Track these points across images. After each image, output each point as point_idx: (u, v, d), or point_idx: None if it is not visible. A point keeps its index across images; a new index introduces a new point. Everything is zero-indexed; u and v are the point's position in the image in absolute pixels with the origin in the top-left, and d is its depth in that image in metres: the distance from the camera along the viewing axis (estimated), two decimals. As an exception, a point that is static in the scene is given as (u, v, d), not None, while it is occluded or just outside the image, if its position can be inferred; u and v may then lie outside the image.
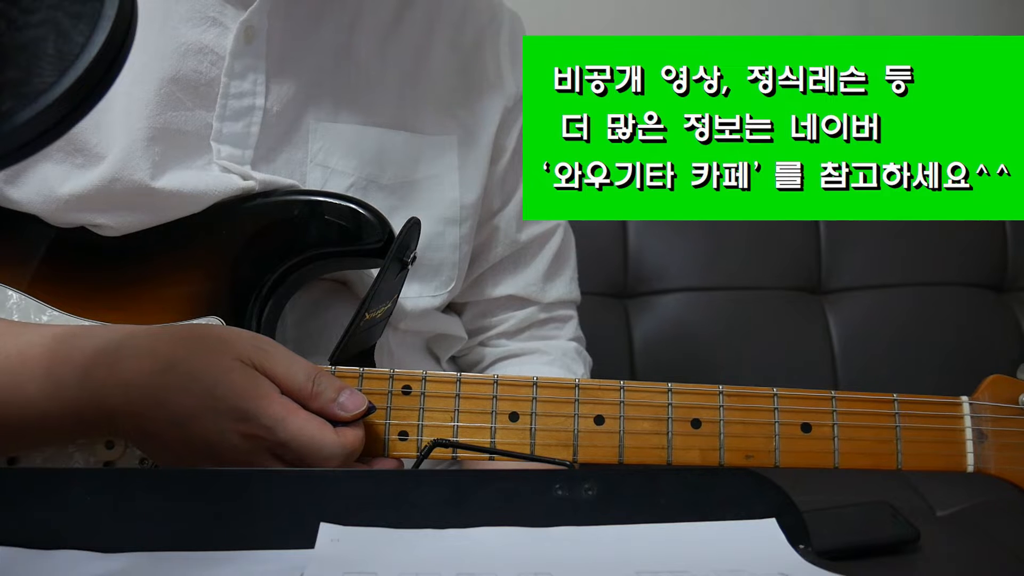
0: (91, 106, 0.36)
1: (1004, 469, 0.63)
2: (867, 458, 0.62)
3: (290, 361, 0.59)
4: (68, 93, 0.35)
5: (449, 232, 0.80)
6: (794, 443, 0.62)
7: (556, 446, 0.62)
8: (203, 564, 0.45)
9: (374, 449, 0.62)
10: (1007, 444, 0.63)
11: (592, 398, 0.63)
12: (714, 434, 0.62)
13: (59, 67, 0.35)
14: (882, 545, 0.81)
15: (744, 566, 0.45)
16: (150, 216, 0.69)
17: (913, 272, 1.36)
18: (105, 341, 0.60)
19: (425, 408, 0.63)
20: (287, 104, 0.73)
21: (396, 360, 0.80)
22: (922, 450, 0.63)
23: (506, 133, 0.84)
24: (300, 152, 0.74)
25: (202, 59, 0.71)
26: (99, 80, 0.36)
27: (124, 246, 0.70)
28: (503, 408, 0.63)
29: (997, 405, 0.63)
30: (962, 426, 0.63)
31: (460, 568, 0.44)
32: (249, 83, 0.72)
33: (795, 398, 0.63)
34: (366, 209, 0.71)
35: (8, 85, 0.34)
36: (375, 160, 0.76)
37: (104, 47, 0.36)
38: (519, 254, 0.88)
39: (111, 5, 0.36)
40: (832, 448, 0.62)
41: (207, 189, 0.69)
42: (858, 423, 0.63)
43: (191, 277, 0.70)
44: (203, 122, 0.71)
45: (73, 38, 0.35)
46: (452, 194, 0.80)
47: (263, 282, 0.70)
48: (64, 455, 0.63)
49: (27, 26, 0.35)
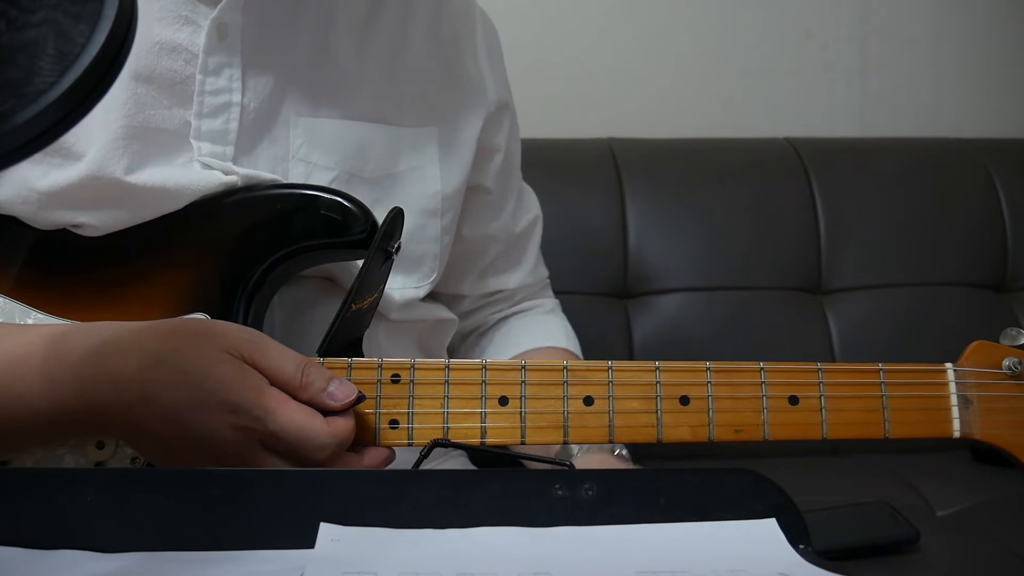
0: (91, 106, 0.36)
1: (989, 433, 0.63)
2: (855, 428, 0.63)
3: (279, 352, 0.59)
4: (68, 93, 0.35)
5: (430, 224, 0.81)
6: (782, 416, 0.62)
7: (547, 428, 0.63)
8: (203, 564, 0.45)
9: (365, 438, 0.62)
10: (991, 409, 0.63)
11: (580, 379, 0.63)
12: (703, 410, 0.62)
13: (59, 67, 0.35)
14: (882, 545, 0.81)
15: (744, 566, 0.45)
16: (131, 214, 0.69)
17: (913, 272, 1.36)
18: (94, 339, 0.60)
19: (415, 396, 0.63)
20: (265, 100, 0.74)
21: (385, 355, 0.81)
22: (908, 418, 0.63)
23: (493, 133, 0.87)
24: (281, 147, 0.74)
25: (176, 57, 0.71)
26: (99, 80, 0.36)
27: (108, 247, 0.70)
28: (492, 393, 0.63)
29: (981, 371, 0.64)
30: (947, 392, 0.64)
31: (460, 568, 0.44)
32: (225, 79, 0.72)
33: (782, 371, 0.63)
34: (349, 200, 0.71)
35: (8, 85, 0.34)
36: (357, 154, 0.77)
37: (104, 47, 0.36)
38: (514, 247, 0.94)
39: (111, 5, 0.36)
40: (820, 420, 0.63)
41: (188, 184, 0.70)
42: (845, 394, 0.63)
43: (176, 275, 0.70)
44: (181, 120, 0.71)
45: (73, 38, 0.35)
46: (433, 186, 0.81)
47: (249, 277, 0.70)
48: (54, 457, 0.63)
49: (27, 26, 0.35)
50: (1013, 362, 0.64)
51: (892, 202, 1.37)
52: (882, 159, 1.42)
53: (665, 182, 1.36)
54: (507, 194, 0.92)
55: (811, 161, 1.39)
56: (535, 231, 0.98)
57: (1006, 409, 0.64)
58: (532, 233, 0.97)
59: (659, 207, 1.34)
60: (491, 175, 0.88)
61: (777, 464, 1.12)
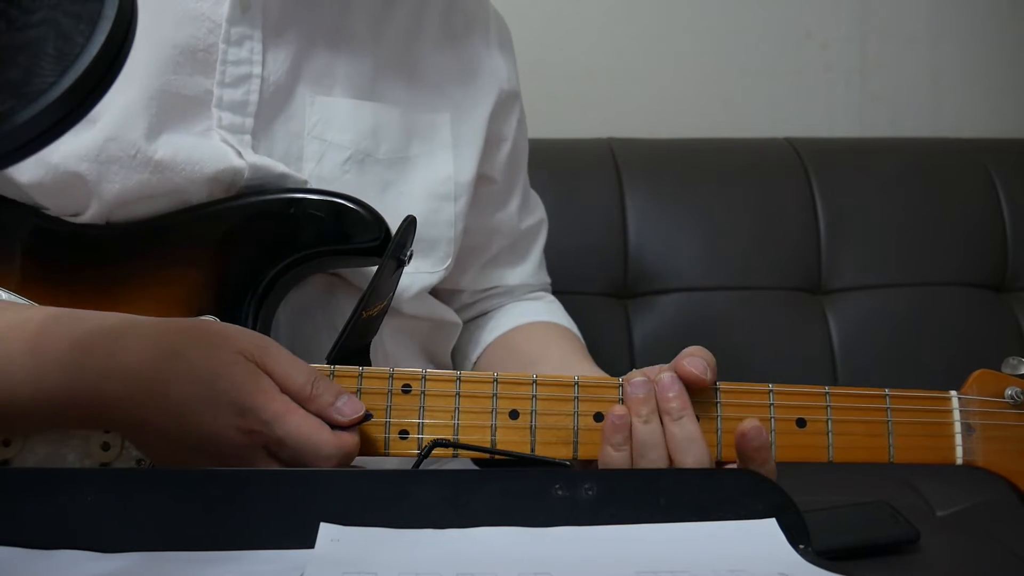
0: (91, 106, 0.36)
1: (991, 461, 0.64)
2: (860, 452, 0.64)
3: (290, 361, 0.59)
4: (68, 93, 0.35)
5: (444, 208, 0.81)
6: (790, 438, 0.63)
7: (556, 443, 0.63)
8: (203, 564, 0.45)
9: (374, 448, 0.62)
10: (993, 437, 0.64)
11: (591, 395, 0.63)
12: (711, 430, 0.63)
13: (59, 67, 0.35)
14: (882, 545, 0.81)
15: (744, 566, 0.45)
16: (143, 178, 0.69)
17: (913, 272, 1.36)
18: (102, 326, 0.60)
19: (426, 407, 0.63)
20: (283, 75, 0.74)
21: (392, 362, 0.81)
22: (913, 443, 0.64)
23: (503, 120, 0.87)
24: (297, 124, 0.75)
25: (199, 26, 0.72)
26: (99, 80, 0.36)
27: (115, 245, 0.70)
28: (503, 407, 0.63)
29: (984, 399, 0.65)
30: (951, 419, 0.64)
31: (460, 568, 0.44)
32: (246, 51, 0.73)
33: (790, 394, 0.63)
34: (363, 207, 0.71)
35: (8, 85, 0.34)
36: (370, 134, 0.77)
37: (104, 47, 0.36)
38: (518, 245, 0.94)
39: (111, 5, 0.36)
40: (827, 443, 0.63)
41: (201, 158, 0.70)
42: (851, 418, 0.64)
43: (185, 276, 0.70)
44: (203, 88, 0.72)
45: (73, 38, 0.35)
46: (446, 171, 0.81)
47: (258, 281, 0.70)
48: (57, 457, 0.63)
49: (27, 26, 0.35)
50: (1016, 391, 0.65)
51: (892, 202, 1.37)
52: (882, 159, 1.42)
53: (665, 182, 1.36)
54: (513, 187, 0.92)
55: (811, 161, 1.39)
56: (540, 233, 0.98)
57: (1008, 438, 0.64)
58: (537, 233, 0.97)
59: (659, 207, 1.34)
60: (498, 165, 0.88)
61: (777, 464, 1.12)
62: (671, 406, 0.61)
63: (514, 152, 0.90)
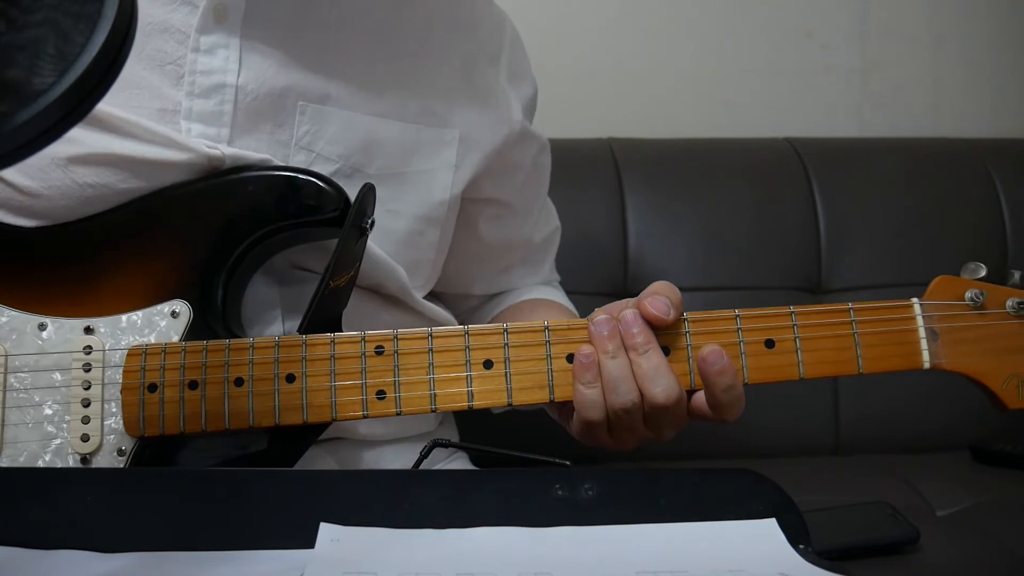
0: (91, 106, 0.36)
1: (957, 363, 0.66)
2: (829, 366, 0.66)
3: None
4: (68, 93, 0.35)
5: (429, 232, 0.81)
6: (760, 359, 0.65)
7: (532, 388, 0.64)
8: (203, 564, 0.45)
9: (352, 409, 0.63)
10: (958, 339, 0.66)
11: (562, 338, 0.65)
12: (683, 360, 0.64)
13: (59, 67, 0.35)
14: (882, 545, 0.81)
15: (744, 566, 0.45)
16: (116, 167, 0.69)
17: (913, 272, 1.36)
18: None
19: (400, 366, 0.64)
20: (268, 84, 0.73)
21: None
22: (880, 353, 0.66)
23: (517, 152, 0.86)
24: (286, 133, 0.74)
25: (167, 39, 0.71)
26: (99, 80, 0.36)
27: (83, 240, 0.70)
28: (476, 358, 0.64)
29: (946, 303, 0.67)
30: (915, 326, 0.67)
31: (460, 568, 0.44)
32: (220, 60, 0.72)
33: (756, 317, 0.65)
34: (321, 179, 0.71)
35: (8, 85, 0.34)
36: (363, 148, 0.76)
37: (104, 47, 0.36)
38: (533, 256, 0.95)
39: (111, 5, 0.36)
40: (796, 360, 0.65)
41: (171, 158, 0.69)
42: (818, 334, 0.65)
43: (153, 263, 0.70)
44: (172, 100, 0.71)
45: (73, 38, 0.35)
46: (442, 195, 0.80)
47: (226, 261, 0.70)
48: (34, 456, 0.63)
49: (27, 26, 0.35)
50: (975, 293, 0.67)
51: (892, 202, 1.37)
52: (882, 159, 1.42)
53: (665, 182, 1.36)
54: (530, 210, 0.93)
55: (811, 161, 1.38)
56: (554, 240, 0.98)
57: (971, 339, 0.66)
58: (552, 242, 0.98)
59: (659, 207, 1.34)
60: (513, 191, 0.88)
61: (777, 464, 1.12)
62: (636, 341, 0.63)
63: (532, 179, 0.90)
